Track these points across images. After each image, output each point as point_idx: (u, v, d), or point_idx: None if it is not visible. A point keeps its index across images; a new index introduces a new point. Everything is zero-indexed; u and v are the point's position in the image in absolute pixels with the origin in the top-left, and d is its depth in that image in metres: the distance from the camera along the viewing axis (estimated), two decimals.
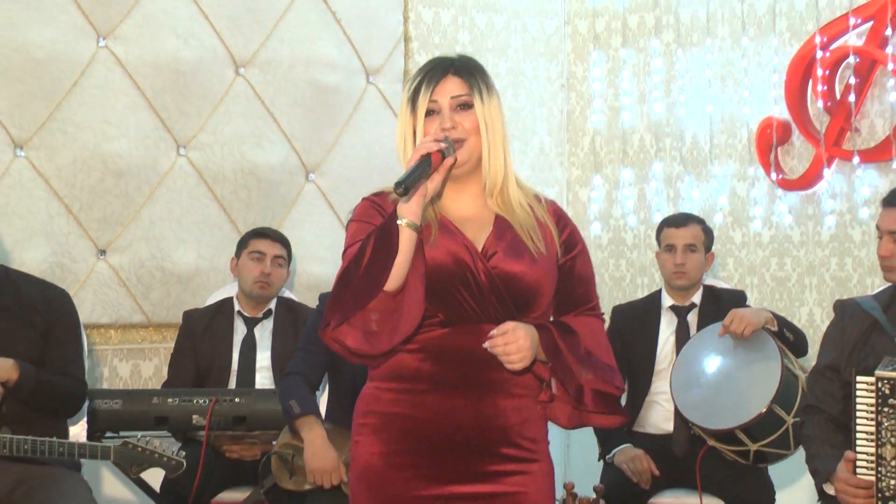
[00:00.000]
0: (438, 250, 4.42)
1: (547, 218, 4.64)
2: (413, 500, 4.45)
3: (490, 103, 4.52)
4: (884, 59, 9.01)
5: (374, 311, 4.27)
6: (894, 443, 5.59)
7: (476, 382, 4.45)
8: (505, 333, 4.32)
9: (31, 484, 6.57)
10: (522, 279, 4.47)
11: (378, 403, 4.55)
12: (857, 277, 9.22)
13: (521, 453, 4.51)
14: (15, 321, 6.74)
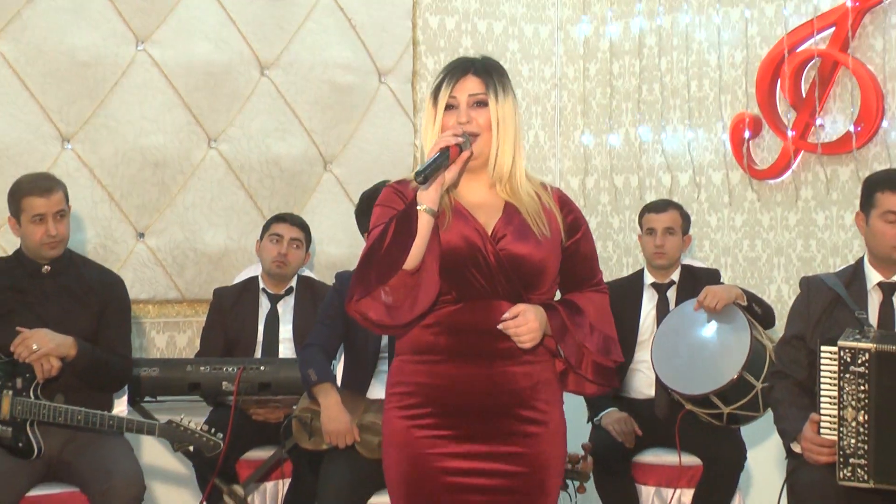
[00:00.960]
0: (452, 234, 4.47)
1: (552, 204, 4.67)
2: (435, 457, 4.51)
3: (504, 102, 4.54)
4: (845, 60, 8.97)
5: (394, 287, 4.33)
6: (855, 405, 5.60)
7: (487, 352, 4.50)
8: (516, 316, 4.40)
9: (79, 444, 6.64)
10: (528, 260, 4.52)
11: (402, 375, 4.62)
12: (821, 258, 9.18)
13: (534, 415, 4.57)
14: (75, 301, 6.77)
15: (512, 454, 4.52)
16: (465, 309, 4.49)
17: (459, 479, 4.50)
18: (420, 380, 4.55)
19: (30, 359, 6.45)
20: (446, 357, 4.51)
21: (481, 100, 4.51)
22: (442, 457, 4.50)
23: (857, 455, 5.63)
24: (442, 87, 4.54)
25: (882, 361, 5.57)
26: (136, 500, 6.52)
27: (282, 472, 7.80)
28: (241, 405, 7.45)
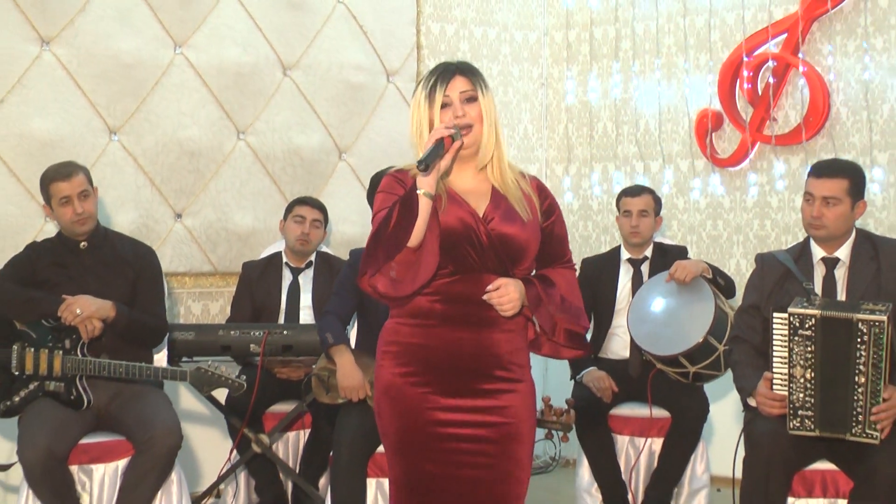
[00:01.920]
0: (449, 216, 4.51)
1: (531, 191, 4.72)
2: (425, 410, 4.54)
3: (487, 96, 4.62)
4: (796, 63, 8.99)
5: (399, 263, 4.36)
6: (802, 364, 5.64)
7: (476, 319, 4.54)
8: (498, 288, 4.46)
9: (125, 397, 6.66)
10: (515, 239, 4.58)
11: (398, 335, 4.63)
12: (775, 235, 9.20)
13: (510, 374, 4.60)
14: (111, 271, 6.79)
15: (492, 408, 4.56)
16: (459, 281, 4.52)
17: (447, 430, 4.53)
18: (415, 341, 4.58)
19: (75, 322, 6.50)
20: (440, 322, 4.54)
21: (471, 96, 4.56)
22: (432, 410, 4.54)
23: (804, 408, 5.66)
24: (436, 88, 4.56)
25: (826, 325, 5.61)
26: (174, 448, 6.53)
27: (302, 424, 7.87)
28: (267, 365, 7.46)
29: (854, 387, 5.59)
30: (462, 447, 4.55)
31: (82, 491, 6.56)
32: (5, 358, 6.57)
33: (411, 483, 4.60)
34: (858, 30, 8.90)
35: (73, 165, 6.81)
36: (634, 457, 7.72)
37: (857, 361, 5.58)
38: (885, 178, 8.72)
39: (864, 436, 5.60)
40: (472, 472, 4.55)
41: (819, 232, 6.06)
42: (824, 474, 5.90)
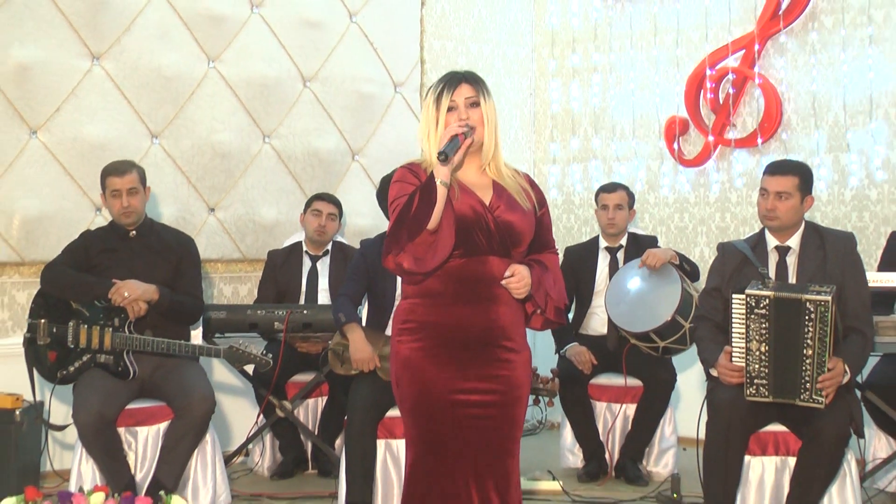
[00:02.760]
0: (462, 204, 4.54)
1: (526, 185, 4.74)
2: (444, 381, 4.55)
3: (489, 103, 4.66)
4: (752, 75, 9.01)
5: (419, 243, 4.42)
6: (758, 339, 5.67)
7: (483, 296, 4.57)
8: (513, 274, 4.54)
9: (166, 369, 6.71)
10: (517, 225, 4.62)
11: (414, 314, 4.62)
12: (734, 227, 9.22)
13: (513, 345, 4.63)
14: (156, 256, 6.84)
15: (498, 376, 4.57)
16: (469, 262, 4.55)
17: (458, 397, 4.53)
18: (430, 319, 4.57)
19: (123, 303, 6.55)
20: (452, 300, 4.54)
21: (475, 101, 4.61)
22: (450, 381, 4.55)
23: (759, 377, 5.69)
24: (443, 94, 4.61)
25: (778, 305, 5.65)
26: (208, 413, 6.59)
27: (320, 392, 7.90)
28: (289, 340, 7.47)
29: (803, 358, 5.63)
30: (470, 412, 4.56)
31: (128, 450, 6.61)
32: (62, 333, 6.63)
33: (424, 442, 4.61)
34: (807, 47, 8.91)
35: (130, 164, 6.87)
36: (611, 420, 7.76)
37: (806, 336, 5.62)
38: (830, 176, 8.74)
39: (811, 401, 5.63)
40: (476, 432, 4.57)
41: (773, 223, 6.09)
42: (776, 435, 5.93)
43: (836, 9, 8.77)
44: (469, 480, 4.60)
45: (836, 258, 5.98)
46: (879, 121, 8.57)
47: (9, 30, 7.70)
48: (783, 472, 5.92)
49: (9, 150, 7.73)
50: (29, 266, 7.72)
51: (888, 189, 8.53)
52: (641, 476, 7.59)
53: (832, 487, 5.84)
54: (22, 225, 7.77)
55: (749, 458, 5.92)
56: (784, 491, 5.87)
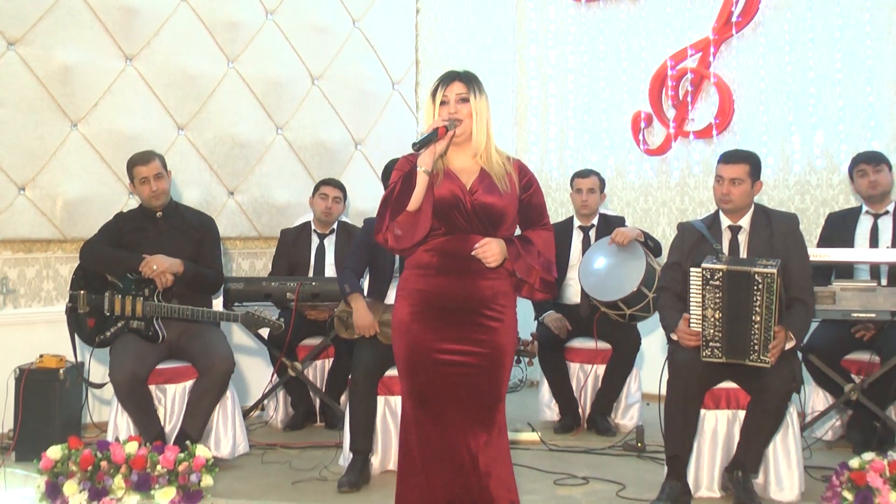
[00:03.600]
0: (443, 189, 4.59)
1: (512, 171, 4.76)
2: (427, 340, 4.62)
3: (479, 99, 4.68)
4: (708, 75, 9.04)
5: (400, 222, 4.51)
6: (712, 307, 5.67)
7: (464, 270, 4.61)
8: (482, 246, 4.53)
9: (190, 333, 6.74)
10: (493, 207, 4.62)
11: (408, 283, 4.70)
12: (692, 209, 9.24)
13: (493, 314, 4.65)
14: (181, 235, 6.85)
15: (479, 339, 4.60)
16: (451, 239, 4.59)
17: (443, 356, 4.59)
18: (419, 287, 4.63)
19: (152, 275, 6.57)
20: (436, 272, 4.60)
21: (464, 97, 4.63)
22: (432, 341, 4.60)
23: (714, 340, 5.70)
24: (438, 89, 4.67)
25: (730, 277, 5.65)
26: (228, 372, 6.64)
27: (327, 354, 7.91)
28: (299, 308, 7.47)
29: (752, 324, 5.64)
30: (452, 370, 4.59)
31: (158, 405, 6.66)
32: (99, 302, 6.66)
33: (416, 394, 4.65)
34: (756, 50, 8.92)
35: (151, 153, 6.87)
36: (583, 379, 7.78)
37: (754, 304, 5.63)
38: (776, 164, 8.76)
39: (759, 361, 5.64)
40: (458, 389, 4.60)
41: (727, 206, 6.10)
42: (728, 391, 5.93)
43: (781, 17, 8.80)
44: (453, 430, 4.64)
45: (781, 236, 5.99)
46: (818, 115, 8.61)
47: (53, 35, 7.69)
48: (734, 423, 5.93)
49: (53, 141, 7.73)
50: (70, 243, 7.74)
51: (826, 175, 8.57)
52: (610, 428, 7.60)
53: (777, 436, 5.86)
54: (64, 207, 7.78)
55: (704, 411, 5.92)
56: (735, 440, 5.89)
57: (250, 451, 6.95)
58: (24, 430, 6.69)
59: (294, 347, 7.74)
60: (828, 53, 8.57)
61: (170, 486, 5.55)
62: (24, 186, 7.63)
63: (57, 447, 5.66)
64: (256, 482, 6.27)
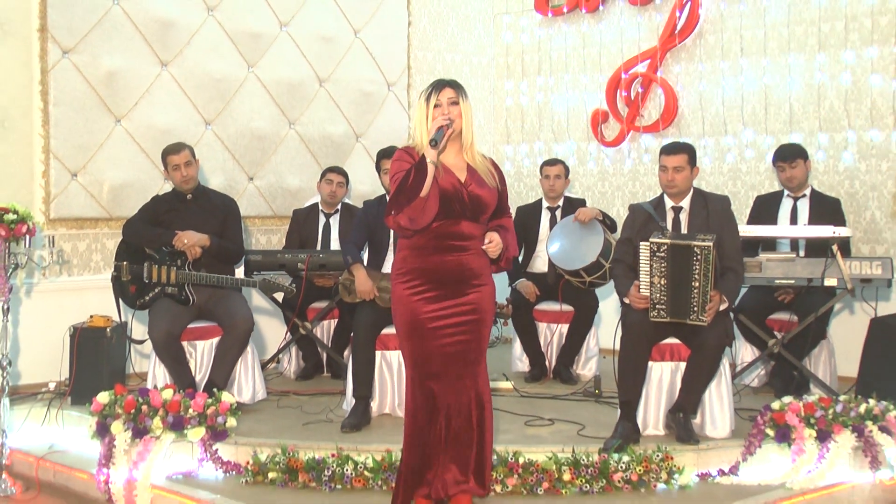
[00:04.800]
0: (445, 181, 4.61)
1: (491, 168, 4.81)
2: (426, 311, 4.68)
3: (466, 103, 4.72)
4: (656, 79, 9.03)
5: (413, 207, 4.49)
6: (658, 275, 5.70)
7: (457, 248, 4.67)
8: (493, 241, 4.69)
9: (216, 297, 6.76)
10: (484, 199, 4.72)
11: (406, 263, 4.73)
12: (642, 192, 9.23)
13: (479, 281, 4.74)
14: (208, 214, 6.84)
15: (468, 302, 4.68)
16: (447, 224, 4.63)
17: (438, 322, 4.65)
18: (417, 265, 4.66)
19: (184, 248, 6.60)
20: (433, 251, 4.64)
21: (455, 101, 4.67)
22: (430, 311, 4.66)
23: (660, 303, 5.71)
24: (432, 94, 4.68)
25: (673, 249, 5.67)
26: (248, 331, 6.67)
27: (333, 315, 7.90)
28: (309, 276, 7.43)
29: (692, 289, 5.64)
30: (448, 332, 4.67)
31: (190, 358, 6.68)
32: (139, 271, 6.65)
33: (416, 357, 4.70)
34: (696, 58, 8.93)
35: (182, 144, 6.85)
36: (550, 336, 7.76)
37: (694, 272, 5.63)
38: (712, 153, 8.77)
39: (697, 320, 5.65)
40: (454, 347, 4.68)
41: (672, 190, 6.09)
42: (672, 346, 5.94)
43: (717, 29, 8.80)
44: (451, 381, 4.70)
45: (716, 215, 6.00)
46: (748, 112, 8.63)
47: (100, 45, 7.69)
48: (677, 373, 5.94)
49: (100, 135, 7.74)
50: (115, 221, 7.74)
51: (754, 164, 8.60)
52: (572, 377, 7.60)
53: (712, 384, 5.87)
54: (109, 190, 7.79)
55: (651, 363, 5.93)
56: (677, 387, 5.89)
57: (267, 397, 6.95)
58: (77, 379, 6.70)
59: (304, 309, 7.71)
60: (755, 61, 8.59)
61: (200, 426, 5.56)
62: (77, 173, 7.64)
63: (105, 393, 5.66)
64: (273, 423, 6.28)
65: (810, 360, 7.11)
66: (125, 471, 5.35)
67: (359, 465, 5.32)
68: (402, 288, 4.74)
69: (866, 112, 7.98)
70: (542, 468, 5.29)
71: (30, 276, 7.12)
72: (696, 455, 5.60)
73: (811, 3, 8.30)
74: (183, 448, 5.59)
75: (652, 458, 5.37)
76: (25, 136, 7.43)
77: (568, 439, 5.77)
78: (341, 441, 5.69)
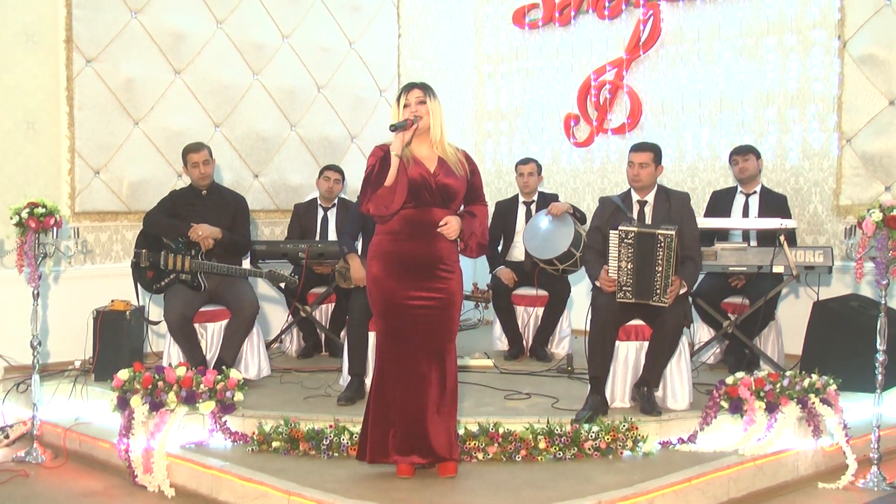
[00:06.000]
0: (413, 171, 4.65)
1: (462, 159, 4.84)
2: (397, 291, 4.72)
3: (434, 102, 4.76)
4: (622, 85, 9.04)
5: (379, 195, 4.57)
6: (626, 260, 5.72)
7: (427, 235, 4.72)
8: (446, 224, 4.68)
9: (225, 284, 6.74)
10: (452, 187, 4.74)
11: (381, 246, 4.78)
12: (610, 188, 9.22)
13: (447, 268, 4.78)
14: (220, 208, 6.81)
15: (437, 287, 4.74)
16: (418, 212, 4.69)
17: (409, 302, 4.71)
18: (390, 248, 4.72)
19: (197, 239, 6.58)
20: (405, 237, 4.70)
21: (422, 100, 4.73)
22: (402, 290, 4.70)
23: (627, 285, 5.71)
24: (402, 95, 4.76)
25: (640, 237, 5.68)
26: (254, 314, 6.67)
27: (330, 300, 7.88)
28: (308, 264, 7.44)
29: (655, 273, 5.63)
30: (418, 312, 4.70)
31: (201, 338, 6.67)
32: (156, 259, 6.62)
33: (387, 333, 4.76)
34: (658, 66, 8.94)
35: (202, 144, 6.83)
36: (527, 318, 7.75)
37: (657, 258, 5.63)
38: (673, 153, 8.78)
39: (660, 302, 5.65)
40: (424, 326, 4.71)
41: (637, 184, 6.08)
42: (637, 327, 5.92)
43: (677, 41, 8.82)
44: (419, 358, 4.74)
45: (677, 209, 6.00)
46: (705, 115, 8.66)
47: (120, 54, 7.66)
48: (641, 351, 5.93)
49: (120, 136, 7.70)
50: (134, 214, 7.71)
51: (710, 162, 8.64)
52: (547, 355, 7.60)
53: (672, 360, 5.89)
54: (129, 186, 7.75)
55: (618, 342, 5.92)
56: (641, 364, 5.90)
57: (271, 374, 6.95)
58: (100, 357, 6.67)
59: (304, 294, 7.68)
60: (712, 70, 8.60)
61: (210, 400, 5.56)
62: (99, 171, 7.61)
63: (125, 370, 5.65)
64: (276, 398, 6.27)
65: (760, 340, 7.16)
66: (143, 440, 5.35)
67: (354, 435, 5.31)
68: (376, 268, 4.76)
69: (810, 116, 8.01)
70: (520, 437, 5.30)
71: (57, 265, 7.07)
72: (659, 425, 5.62)
73: (760, 18, 8.32)
74: (195, 420, 5.58)
75: (619, 428, 5.39)
76: (53, 138, 7.39)
77: (543, 411, 5.77)
78: (338, 413, 5.70)
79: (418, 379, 4.76)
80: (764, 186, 7.41)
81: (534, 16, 9.92)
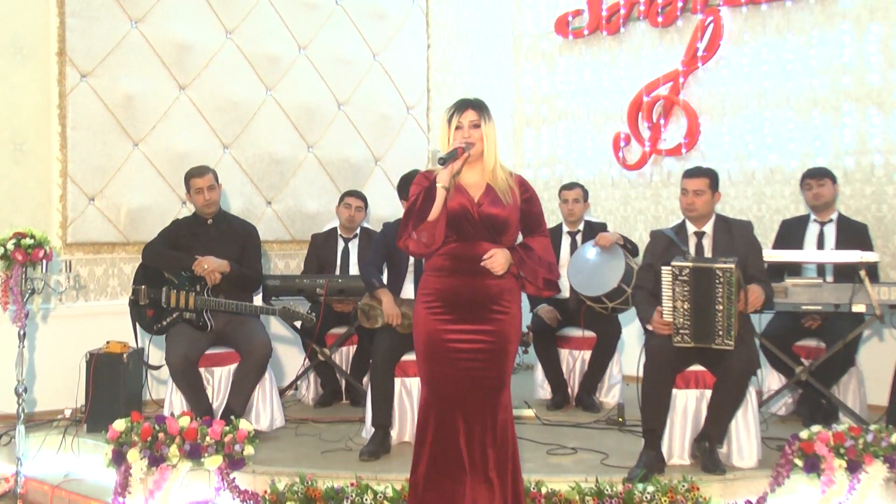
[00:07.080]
0: (453, 202, 4.58)
1: (514, 185, 4.74)
2: (442, 332, 4.62)
3: (489, 125, 4.65)
4: (678, 102, 9.03)
5: (421, 231, 4.51)
6: (681, 300, 5.67)
7: (474, 271, 4.60)
8: (489, 257, 4.56)
9: (234, 323, 6.75)
10: (497, 217, 4.62)
11: (427, 284, 4.69)
12: (664, 216, 9.22)
13: (499, 308, 4.64)
14: (228, 239, 6.84)
15: (487, 330, 4.60)
16: (462, 246, 4.59)
17: (455, 345, 4.58)
18: (436, 287, 4.62)
19: (203, 273, 6.59)
20: (449, 273, 4.60)
21: (476, 123, 4.61)
22: (446, 332, 4.59)
23: (683, 328, 5.68)
24: (453, 116, 4.64)
25: (696, 273, 5.64)
26: (266, 357, 6.65)
27: (351, 341, 7.87)
28: (327, 302, 7.46)
29: (715, 312, 5.61)
30: (464, 356, 4.59)
31: (207, 384, 6.66)
32: (157, 296, 6.65)
33: (433, 379, 4.65)
34: (718, 80, 8.93)
35: (206, 168, 6.88)
36: (572, 363, 7.72)
37: (717, 295, 5.61)
38: (736, 178, 8.76)
39: (723, 344, 5.63)
40: (470, 372, 4.61)
41: (692, 214, 6.09)
42: (697, 373, 5.89)
43: (739, 52, 8.82)
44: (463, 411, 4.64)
45: (740, 240, 5.99)
46: (772, 135, 8.62)
47: (118, 68, 7.74)
48: (702, 401, 5.90)
49: (118, 158, 7.77)
50: (133, 245, 7.75)
51: (779, 187, 8.57)
52: (595, 405, 7.55)
53: (738, 412, 5.84)
54: (127, 214, 7.80)
55: (676, 391, 5.89)
56: (702, 415, 5.86)
57: (286, 425, 6.94)
58: (93, 405, 6.70)
59: (323, 335, 7.69)
60: (779, 83, 8.57)
61: (217, 454, 5.53)
62: (94, 197, 7.66)
63: (121, 420, 5.64)
64: (291, 452, 6.25)
65: (839, 388, 7.05)
66: (141, 500, 5.33)
67: (378, 494, 5.28)
68: (421, 308, 4.72)
69: (893, 135, 7.94)
70: (566, 498, 5.25)
71: (46, 302, 7.12)
72: (723, 485, 5.55)
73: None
74: (200, 476, 5.56)
75: (677, 488, 5.32)
76: (43, 160, 7.46)
77: (591, 468, 5.72)
78: (360, 470, 5.66)
79: (454, 433, 4.69)
80: (841, 214, 7.34)
81: (578, 24, 9.95)
